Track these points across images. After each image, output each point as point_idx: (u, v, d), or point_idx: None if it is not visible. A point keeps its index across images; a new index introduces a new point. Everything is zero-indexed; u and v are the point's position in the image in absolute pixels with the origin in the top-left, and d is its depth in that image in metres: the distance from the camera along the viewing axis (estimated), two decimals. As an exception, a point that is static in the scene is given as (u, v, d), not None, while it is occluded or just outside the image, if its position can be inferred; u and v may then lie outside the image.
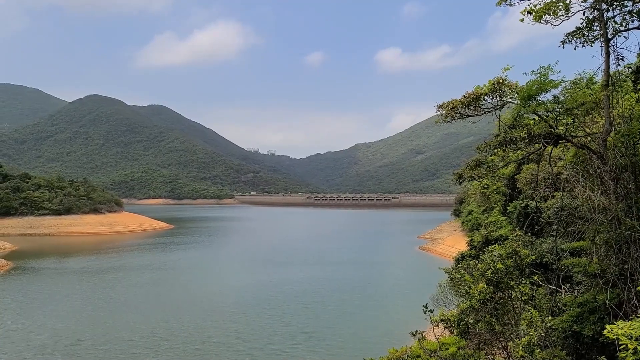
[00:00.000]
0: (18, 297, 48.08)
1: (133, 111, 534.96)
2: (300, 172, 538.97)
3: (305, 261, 71.88)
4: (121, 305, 44.96)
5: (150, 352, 31.40)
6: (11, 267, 65.01)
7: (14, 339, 34.53)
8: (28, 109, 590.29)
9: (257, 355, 31.25)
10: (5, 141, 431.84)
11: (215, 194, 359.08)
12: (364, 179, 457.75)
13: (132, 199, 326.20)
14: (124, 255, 79.75)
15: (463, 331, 14.11)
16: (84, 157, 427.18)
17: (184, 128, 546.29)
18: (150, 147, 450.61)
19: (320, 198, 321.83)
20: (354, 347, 32.29)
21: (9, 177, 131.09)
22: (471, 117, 14.84)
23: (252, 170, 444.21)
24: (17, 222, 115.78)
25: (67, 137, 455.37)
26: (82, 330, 36.17)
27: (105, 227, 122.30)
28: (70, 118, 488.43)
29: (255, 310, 42.58)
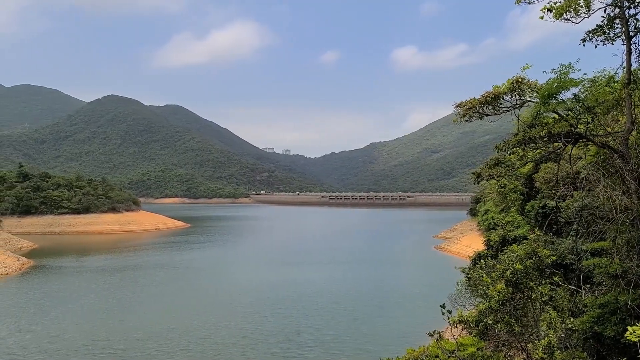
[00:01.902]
0: (37, 296, 48.81)
1: (150, 111, 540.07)
2: (315, 171, 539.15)
3: (320, 261, 71.89)
4: (137, 304, 45.39)
5: (166, 353, 31.49)
6: (31, 265, 66.11)
7: (31, 337, 34.96)
8: (47, 109, 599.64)
9: (274, 356, 31.15)
10: (26, 141, 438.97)
11: (230, 193, 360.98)
12: (379, 178, 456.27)
13: (149, 198, 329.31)
14: (140, 254, 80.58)
15: (482, 332, 14.03)
16: (102, 157, 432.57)
17: (200, 128, 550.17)
18: (166, 147, 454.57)
19: (335, 197, 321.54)
20: (371, 348, 32.09)
21: (30, 176, 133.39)
22: (489, 116, 14.74)
23: (267, 170, 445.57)
24: (37, 221, 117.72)
25: (85, 137, 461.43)
26: (97, 330, 36.50)
27: (122, 226, 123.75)
28: (88, 118, 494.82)
29: (270, 311, 42.55)
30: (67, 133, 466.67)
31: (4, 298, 48.92)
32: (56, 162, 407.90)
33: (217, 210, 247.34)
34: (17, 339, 34.51)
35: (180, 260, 72.41)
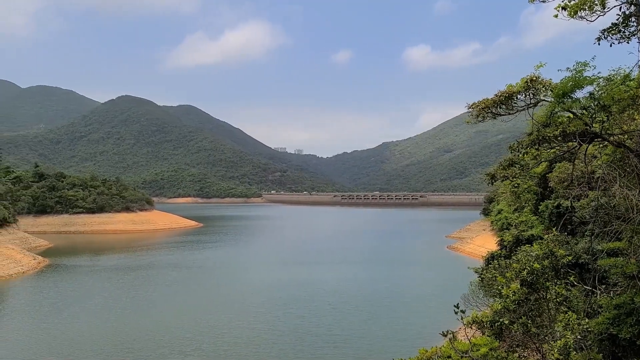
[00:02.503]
0: (51, 294, 49.37)
1: (163, 111, 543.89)
2: (327, 171, 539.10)
3: (331, 260, 71.92)
4: (150, 303, 45.68)
5: (179, 352, 31.63)
6: (47, 264, 66.96)
7: (45, 336, 35.34)
8: (63, 109, 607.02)
9: (286, 357, 31.14)
10: (41, 141, 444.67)
11: (243, 193, 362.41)
12: (391, 178, 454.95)
13: (162, 198, 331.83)
14: (154, 253, 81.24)
15: (496, 332, 13.94)
16: (116, 157, 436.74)
17: (213, 128, 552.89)
18: (179, 147, 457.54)
19: (347, 197, 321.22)
20: (383, 348, 32.02)
21: (45, 176, 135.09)
22: (503, 116, 14.62)
23: (279, 169, 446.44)
24: (52, 220, 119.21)
25: (99, 137, 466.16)
26: (111, 329, 36.80)
27: (136, 225, 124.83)
28: (102, 118, 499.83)
29: (282, 311, 42.60)
30: (82, 133, 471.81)
31: (20, 297, 49.70)
32: (71, 162, 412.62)
33: (230, 209, 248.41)
34: (31, 338, 34.92)
35: (193, 260, 72.86)
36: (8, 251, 66.30)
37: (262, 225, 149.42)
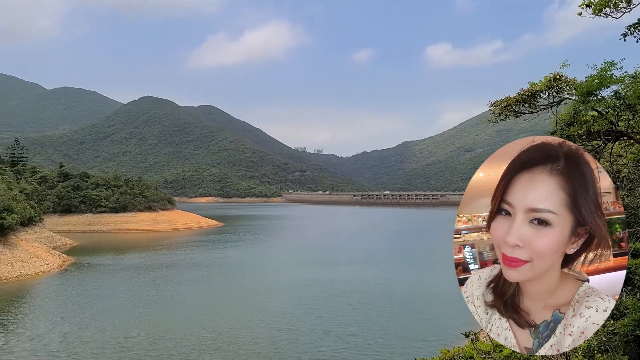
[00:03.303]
0: (75, 292, 50.19)
1: (184, 112, 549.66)
2: (347, 170, 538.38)
3: (351, 260, 71.76)
4: (170, 302, 46.05)
5: (199, 351, 31.76)
6: (71, 263, 68.23)
7: (67, 334, 35.86)
8: (87, 110, 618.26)
9: (307, 357, 31.08)
10: (66, 142, 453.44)
11: (263, 193, 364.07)
12: (412, 177, 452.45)
13: (184, 197, 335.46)
14: (175, 252, 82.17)
15: None
16: (138, 157, 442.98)
17: (233, 128, 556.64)
18: (200, 147, 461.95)
19: (367, 197, 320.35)
20: (404, 350, 31.74)
21: (70, 176, 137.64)
22: (526, 114, 14.43)
23: (299, 169, 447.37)
24: (77, 219, 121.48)
25: (122, 138, 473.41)
26: (132, 327, 37.19)
27: (158, 225, 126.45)
28: (125, 119, 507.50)
29: (302, 310, 42.56)
30: (105, 134, 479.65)
31: (44, 294, 50.67)
32: (95, 162, 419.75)
33: (250, 209, 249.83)
34: (55, 336, 35.48)
35: (213, 259, 73.50)
36: (34, 249, 67.72)
37: (282, 225, 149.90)
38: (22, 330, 37.12)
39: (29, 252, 64.90)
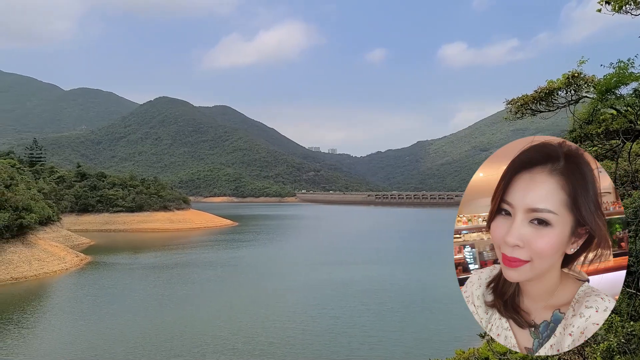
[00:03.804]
0: (91, 291, 50.75)
1: (199, 112, 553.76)
2: (361, 170, 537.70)
3: (365, 260, 71.64)
4: (185, 302, 46.28)
5: (214, 351, 31.80)
6: (88, 262, 69.11)
7: (83, 332, 36.24)
8: (104, 111, 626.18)
9: (321, 358, 30.98)
10: (83, 142, 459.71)
11: (277, 192, 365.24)
12: (426, 177, 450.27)
13: (199, 197, 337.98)
14: (190, 251, 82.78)
15: None
16: (154, 157, 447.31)
17: (247, 128, 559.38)
18: (215, 147, 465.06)
19: (381, 196, 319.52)
20: (419, 351, 31.55)
21: (87, 176, 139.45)
22: (543, 113, 14.27)
23: (313, 169, 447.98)
24: (94, 219, 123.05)
25: (138, 138, 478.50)
26: (147, 326, 37.44)
27: (173, 224, 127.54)
28: (141, 119, 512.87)
29: (316, 311, 42.46)
30: (121, 134, 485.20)
31: (62, 293, 51.37)
32: (111, 162, 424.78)
33: (264, 209, 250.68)
34: (70, 334, 35.85)
35: (227, 259, 73.90)
36: (52, 248, 68.73)
37: (296, 225, 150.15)
38: (40, 329, 37.62)
39: (47, 251, 65.86)
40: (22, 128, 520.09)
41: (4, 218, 58.90)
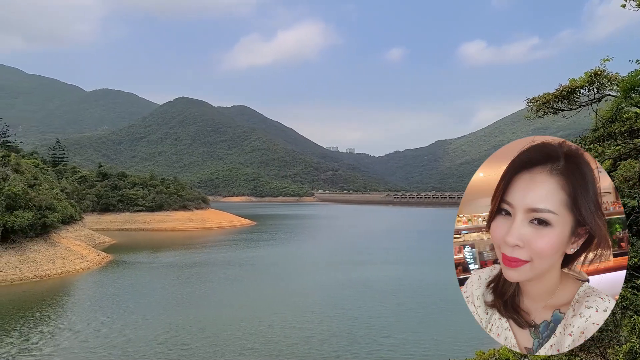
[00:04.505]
0: (112, 290, 51.39)
1: (218, 112, 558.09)
2: (379, 169, 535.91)
3: (384, 260, 71.44)
4: (203, 301, 46.60)
5: (232, 351, 31.80)
6: (110, 260, 70.18)
7: (102, 331, 36.67)
8: (124, 112, 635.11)
9: (340, 358, 30.83)
10: (105, 142, 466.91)
11: (295, 192, 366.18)
12: (445, 177, 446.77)
13: (218, 196, 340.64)
14: (208, 250, 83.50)
15: None
16: (174, 157, 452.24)
17: (266, 127, 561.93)
18: (234, 147, 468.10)
19: (400, 196, 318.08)
20: (439, 352, 31.24)
21: (108, 175, 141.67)
22: (564, 111, 14.07)
23: (331, 168, 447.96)
24: (115, 218, 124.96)
25: (158, 138, 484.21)
26: (165, 326, 37.70)
27: (193, 223, 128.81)
28: (161, 120, 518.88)
29: (335, 311, 42.32)
30: (142, 134, 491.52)
31: (83, 291, 52.25)
32: (132, 162, 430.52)
33: (282, 208, 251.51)
34: (90, 333, 36.32)
35: (245, 258, 74.35)
36: (75, 247, 69.98)
37: (314, 224, 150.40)
38: (61, 327, 38.25)
39: (69, 250, 67.09)
40: (46, 129, 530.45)
41: (28, 217, 60.08)
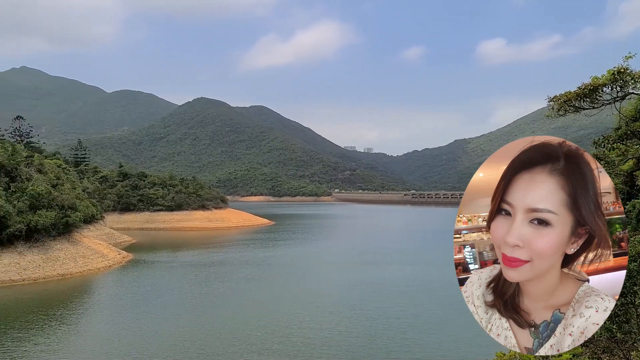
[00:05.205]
0: (131, 289, 51.98)
1: (236, 112, 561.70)
2: (397, 169, 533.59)
3: (401, 261, 71.07)
4: (221, 300, 46.86)
5: (249, 351, 31.81)
6: (130, 259, 71.10)
7: (121, 330, 37.04)
8: (144, 112, 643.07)
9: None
10: (125, 143, 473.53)
11: (313, 192, 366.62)
12: (464, 176, 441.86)
13: (236, 196, 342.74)
14: (226, 250, 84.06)
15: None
16: (192, 157, 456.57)
17: (283, 127, 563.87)
18: (252, 147, 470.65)
19: (418, 196, 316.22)
20: (458, 352, 31.09)
21: (128, 175, 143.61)
22: (586, 110, 13.87)
23: (349, 168, 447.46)
24: (135, 217, 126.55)
25: (177, 138, 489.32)
26: (182, 325, 37.90)
27: (211, 223, 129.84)
28: (180, 120, 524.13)
29: (352, 311, 42.14)
30: (161, 135, 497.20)
31: (103, 290, 53.07)
32: (151, 162, 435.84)
33: (300, 208, 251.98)
34: (109, 332, 36.71)
35: (263, 257, 74.70)
36: (96, 246, 71.10)
37: (332, 224, 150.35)
38: (81, 325, 38.75)
39: (91, 249, 68.19)
40: (68, 129, 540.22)
41: (51, 217, 61.21)
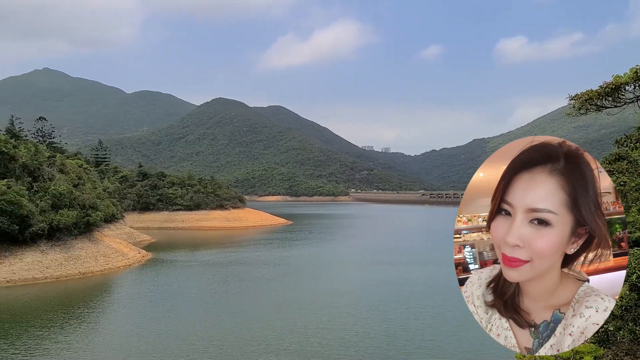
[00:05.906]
0: (149, 287, 52.59)
1: (254, 112, 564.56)
2: (415, 169, 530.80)
3: (419, 261, 70.58)
4: (238, 300, 47.07)
5: (265, 352, 31.74)
6: (149, 258, 71.91)
7: (140, 328, 37.39)
8: (163, 113, 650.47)
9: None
10: (144, 143, 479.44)
11: (330, 191, 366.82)
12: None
13: (254, 196, 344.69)
14: (244, 249, 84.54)
15: (601, 339, 13.18)
16: (211, 157, 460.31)
17: (301, 127, 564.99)
18: (269, 147, 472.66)
19: (436, 195, 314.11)
20: (477, 354, 30.80)
21: (148, 175, 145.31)
22: (608, 108, 13.69)
23: (366, 168, 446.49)
24: (154, 217, 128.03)
25: (195, 138, 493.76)
26: (199, 324, 38.09)
27: (229, 222, 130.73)
28: (198, 120, 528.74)
29: (370, 312, 41.96)
30: (180, 135, 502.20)
31: (123, 289, 53.77)
32: (170, 162, 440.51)
33: (317, 208, 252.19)
34: (127, 331, 37.06)
35: (280, 257, 74.95)
36: (116, 245, 72.12)
37: (349, 224, 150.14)
38: (101, 324, 39.26)
39: (111, 248, 69.18)
40: (89, 130, 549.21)
41: (73, 216, 62.24)
